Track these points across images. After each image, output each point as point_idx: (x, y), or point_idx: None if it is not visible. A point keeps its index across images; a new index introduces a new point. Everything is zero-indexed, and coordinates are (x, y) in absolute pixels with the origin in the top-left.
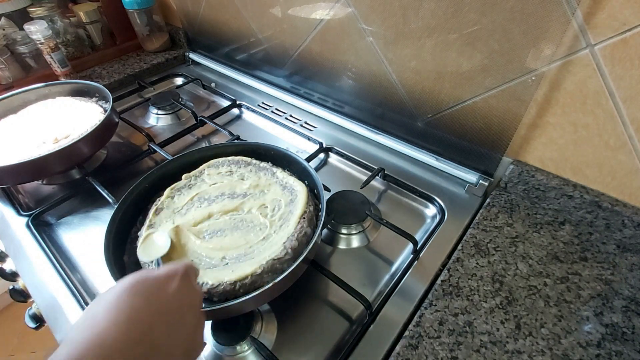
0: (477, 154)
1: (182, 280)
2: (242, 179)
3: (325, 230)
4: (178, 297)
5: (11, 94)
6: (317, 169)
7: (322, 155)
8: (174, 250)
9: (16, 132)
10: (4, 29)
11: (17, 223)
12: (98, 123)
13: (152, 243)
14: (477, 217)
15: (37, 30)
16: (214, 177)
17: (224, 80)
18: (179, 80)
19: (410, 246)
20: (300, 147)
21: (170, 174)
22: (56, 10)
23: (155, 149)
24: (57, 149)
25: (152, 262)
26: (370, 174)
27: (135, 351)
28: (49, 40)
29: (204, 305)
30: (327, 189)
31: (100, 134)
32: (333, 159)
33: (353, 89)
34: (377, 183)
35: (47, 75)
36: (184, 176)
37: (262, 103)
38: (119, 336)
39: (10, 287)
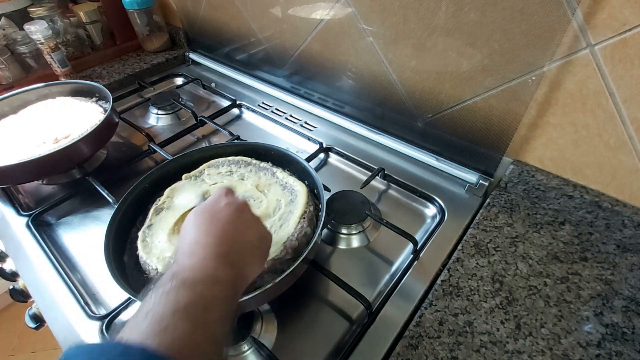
0: (477, 154)
1: (227, 196)
2: (242, 179)
3: (325, 230)
4: (230, 207)
5: (11, 94)
6: (317, 169)
7: (322, 155)
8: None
9: (16, 132)
10: (4, 29)
11: (17, 223)
12: (98, 123)
13: None
14: (477, 217)
15: (37, 30)
16: (214, 177)
17: (224, 80)
18: (179, 80)
19: (410, 246)
20: (300, 147)
21: (170, 174)
22: (56, 10)
23: (155, 149)
24: (57, 149)
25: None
26: (370, 174)
27: (223, 247)
28: (49, 40)
29: None
30: (327, 189)
31: (100, 134)
32: (333, 159)
33: (353, 89)
34: (377, 183)
35: (47, 75)
36: (184, 176)
37: (262, 103)
38: (201, 236)
39: (10, 287)
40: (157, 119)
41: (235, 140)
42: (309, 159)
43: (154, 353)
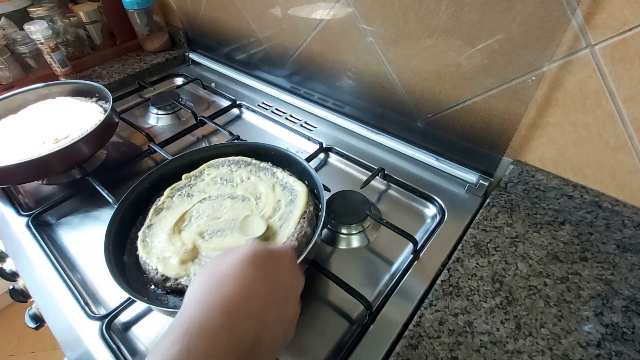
0: (477, 154)
1: (292, 261)
2: (242, 179)
3: (325, 230)
4: (289, 279)
5: (11, 94)
6: (317, 169)
7: (322, 155)
8: (176, 250)
9: (16, 132)
10: (4, 29)
11: (17, 223)
12: (98, 123)
13: (252, 223)
14: (477, 217)
15: (37, 30)
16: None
17: (224, 80)
18: (179, 80)
19: (410, 246)
20: (300, 147)
21: (170, 174)
22: (56, 10)
23: (155, 149)
24: (57, 149)
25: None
26: (370, 174)
27: (250, 323)
28: (49, 40)
29: None
30: (327, 189)
31: (100, 134)
32: (333, 159)
33: (353, 89)
34: (377, 183)
35: (47, 75)
36: (184, 176)
37: (262, 103)
38: (241, 305)
39: (10, 287)
40: (157, 119)
41: (235, 140)
42: (309, 159)
43: None
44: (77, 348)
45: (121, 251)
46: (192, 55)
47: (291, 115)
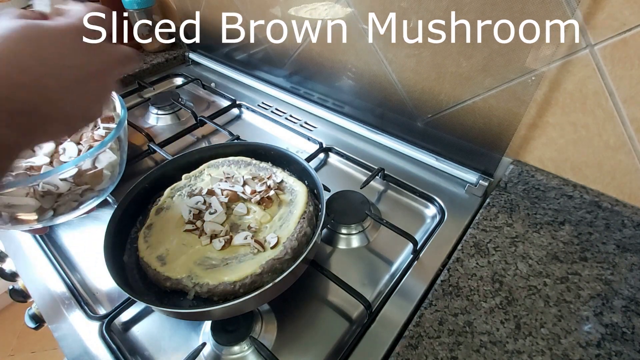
0: (477, 154)
1: (76, 40)
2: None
3: (325, 230)
4: (84, 60)
5: None
6: (317, 169)
7: (322, 155)
8: (176, 250)
9: None
10: None
11: None
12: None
13: None
14: (477, 217)
15: None
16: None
17: (224, 80)
18: (178, 80)
19: (410, 246)
20: (300, 147)
21: (170, 174)
22: None
23: (155, 149)
24: None
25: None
26: (370, 174)
27: (20, 94)
28: None
29: (202, 306)
30: (327, 189)
31: None
32: (333, 159)
33: (353, 89)
34: (377, 183)
35: None
36: (184, 176)
37: (262, 103)
38: (9, 77)
39: (10, 287)
40: (156, 119)
41: (235, 140)
42: (308, 159)
43: None
44: (77, 348)
45: (121, 251)
46: (192, 55)
47: (291, 115)
